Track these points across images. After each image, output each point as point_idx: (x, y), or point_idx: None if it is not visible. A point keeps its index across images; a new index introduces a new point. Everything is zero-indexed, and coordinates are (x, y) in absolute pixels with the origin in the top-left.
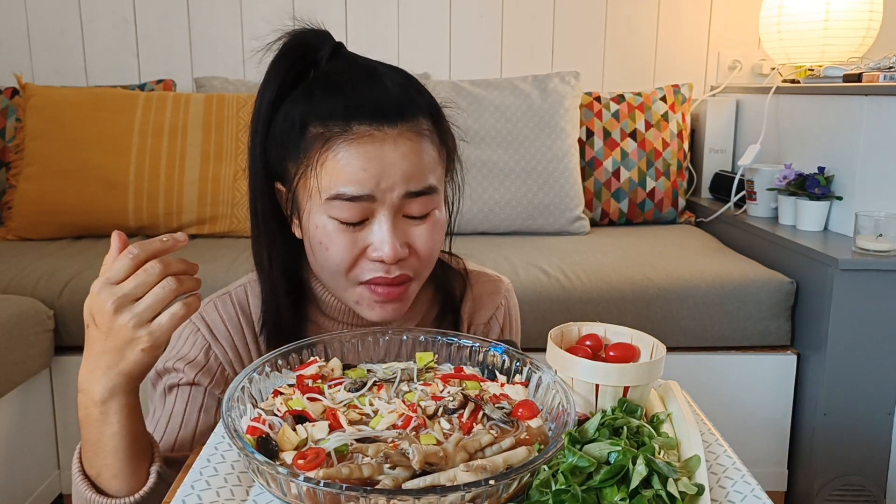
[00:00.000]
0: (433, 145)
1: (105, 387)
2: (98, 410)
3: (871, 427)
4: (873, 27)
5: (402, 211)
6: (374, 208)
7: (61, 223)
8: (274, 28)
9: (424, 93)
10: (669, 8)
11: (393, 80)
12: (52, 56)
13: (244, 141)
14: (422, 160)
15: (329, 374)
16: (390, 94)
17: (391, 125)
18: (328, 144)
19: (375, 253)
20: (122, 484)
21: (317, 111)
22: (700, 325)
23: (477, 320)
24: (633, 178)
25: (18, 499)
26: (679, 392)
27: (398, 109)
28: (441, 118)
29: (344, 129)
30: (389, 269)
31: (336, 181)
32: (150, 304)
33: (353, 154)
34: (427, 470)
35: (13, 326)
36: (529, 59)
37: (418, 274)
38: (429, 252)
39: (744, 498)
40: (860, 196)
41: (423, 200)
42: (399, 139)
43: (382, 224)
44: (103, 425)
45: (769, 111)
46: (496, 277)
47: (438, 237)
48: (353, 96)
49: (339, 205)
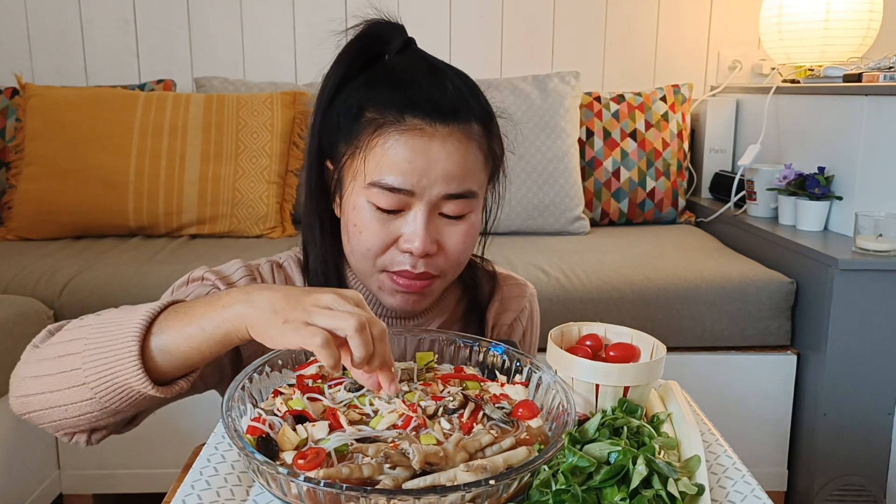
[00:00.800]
0: (480, 151)
1: (227, 315)
2: (215, 317)
3: (871, 427)
4: (873, 27)
5: (438, 209)
6: (412, 202)
7: (61, 223)
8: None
9: (481, 98)
10: (669, 8)
11: (453, 81)
12: (52, 56)
13: (244, 141)
14: (466, 163)
15: (329, 374)
16: (448, 93)
17: (443, 124)
18: (379, 131)
19: (406, 244)
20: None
21: (375, 98)
22: (700, 325)
23: (502, 321)
24: (633, 178)
25: (18, 499)
26: (679, 392)
27: (453, 110)
28: (493, 126)
29: (397, 119)
30: (416, 264)
31: (381, 168)
32: (335, 326)
33: (401, 144)
34: (427, 470)
35: (13, 326)
36: (529, 59)
37: (444, 273)
38: (457, 254)
39: (744, 498)
40: (860, 196)
41: (460, 203)
42: (448, 138)
43: (417, 217)
44: (204, 325)
45: (769, 111)
46: (522, 282)
47: (470, 241)
48: (412, 90)
49: (378, 192)
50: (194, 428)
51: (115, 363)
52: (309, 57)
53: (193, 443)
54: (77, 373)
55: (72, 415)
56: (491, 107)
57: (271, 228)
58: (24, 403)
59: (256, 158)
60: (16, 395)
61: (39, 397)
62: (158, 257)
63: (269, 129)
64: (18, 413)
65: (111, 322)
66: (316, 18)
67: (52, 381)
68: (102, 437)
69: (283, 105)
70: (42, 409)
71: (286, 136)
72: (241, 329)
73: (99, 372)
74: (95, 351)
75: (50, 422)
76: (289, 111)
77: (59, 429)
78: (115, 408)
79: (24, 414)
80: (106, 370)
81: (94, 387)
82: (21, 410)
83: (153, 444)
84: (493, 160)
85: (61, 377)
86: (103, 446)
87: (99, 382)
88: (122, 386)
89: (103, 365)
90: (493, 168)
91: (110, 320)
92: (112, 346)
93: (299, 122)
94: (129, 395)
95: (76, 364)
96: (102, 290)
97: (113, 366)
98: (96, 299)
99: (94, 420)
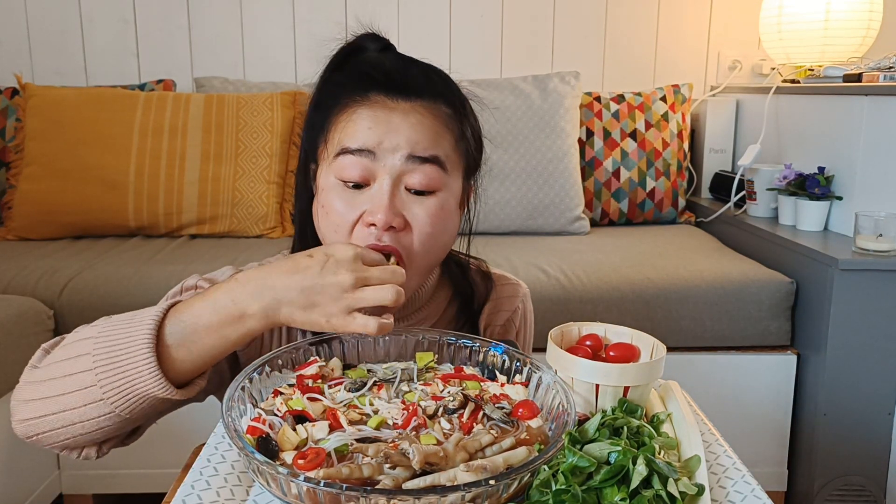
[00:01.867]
0: (447, 130)
1: (260, 306)
2: (233, 313)
3: (871, 427)
4: (873, 27)
5: (403, 180)
6: (376, 170)
7: (61, 223)
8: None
9: (453, 86)
10: (669, 8)
11: (421, 67)
12: (52, 56)
13: (244, 141)
14: (430, 131)
15: (329, 374)
16: (413, 74)
17: (405, 99)
18: (345, 110)
19: (369, 217)
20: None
21: (345, 86)
22: (700, 325)
23: (495, 321)
24: (633, 178)
25: (18, 499)
26: (679, 392)
27: (417, 88)
28: (464, 112)
29: (362, 96)
30: (381, 237)
31: (343, 137)
32: (371, 298)
33: (363, 115)
34: (427, 470)
35: (13, 326)
36: (529, 59)
37: (411, 256)
38: (425, 234)
39: (744, 498)
40: (860, 196)
41: (426, 171)
42: (411, 111)
43: (382, 187)
44: (218, 326)
45: (769, 111)
46: (515, 282)
47: (439, 223)
48: (377, 71)
49: (342, 161)
50: (194, 428)
51: (133, 374)
52: (309, 57)
53: (193, 443)
54: (93, 390)
55: (89, 430)
56: (464, 95)
57: (271, 228)
58: (31, 426)
59: (256, 158)
60: (20, 419)
61: (50, 418)
62: (158, 257)
63: (268, 129)
64: (23, 437)
65: (117, 333)
66: (316, 18)
67: (64, 400)
68: (111, 447)
69: (283, 105)
70: (53, 430)
71: (286, 136)
72: (267, 327)
73: (116, 386)
74: (108, 364)
75: (62, 440)
76: (289, 111)
77: (72, 446)
78: (134, 417)
79: (31, 437)
80: (124, 383)
81: (112, 401)
82: (26, 434)
83: (153, 444)
84: (466, 145)
85: (75, 396)
86: None
87: (118, 396)
88: (142, 395)
89: (120, 378)
90: (468, 156)
91: (115, 331)
92: (125, 358)
93: (299, 122)
94: (151, 403)
95: (89, 381)
96: (102, 290)
97: (130, 377)
98: (96, 299)
99: (113, 432)
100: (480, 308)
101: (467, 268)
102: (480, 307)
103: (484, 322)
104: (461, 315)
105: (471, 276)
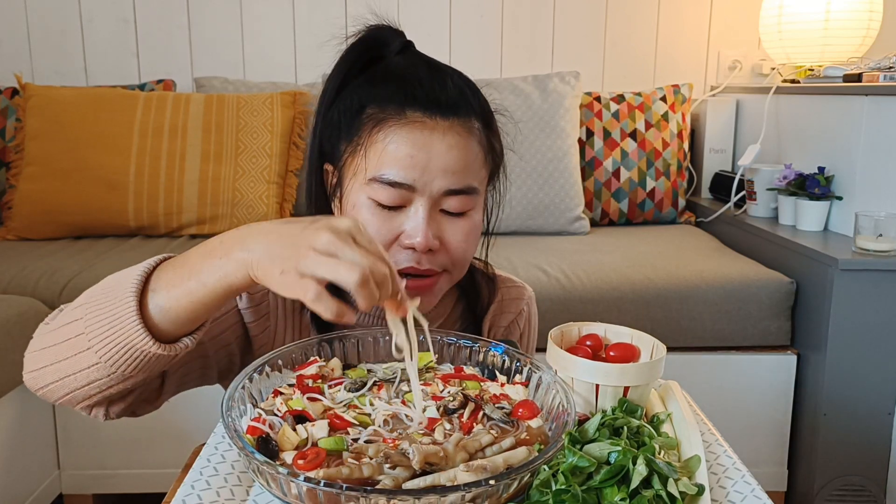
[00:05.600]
0: (480, 147)
1: (240, 248)
2: (217, 261)
3: (871, 427)
4: (873, 27)
5: (439, 205)
6: (413, 197)
7: (61, 223)
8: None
9: (481, 97)
10: (669, 8)
11: (453, 79)
12: (52, 56)
13: (244, 141)
14: (467, 158)
15: (329, 374)
16: (448, 89)
17: (443, 118)
18: (380, 126)
19: (408, 240)
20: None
21: (375, 95)
22: (700, 325)
23: (499, 323)
24: (633, 178)
25: (18, 499)
26: (679, 392)
27: (453, 104)
28: (492, 124)
29: (398, 113)
30: (420, 260)
31: (381, 163)
32: (326, 270)
33: (401, 138)
34: (427, 470)
35: (13, 326)
36: (529, 59)
37: (449, 270)
38: (461, 252)
39: (744, 498)
40: (860, 196)
41: (462, 199)
42: (449, 132)
43: (419, 212)
44: (205, 273)
45: (769, 111)
46: (520, 284)
47: (472, 238)
48: (412, 86)
49: (379, 187)
50: (194, 428)
51: (115, 323)
52: (309, 57)
53: (193, 443)
54: (81, 338)
55: (82, 383)
56: (489, 105)
57: None
58: (37, 377)
59: (256, 158)
60: (28, 371)
61: (49, 369)
62: None
63: (269, 129)
64: (33, 389)
65: (109, 286)
66: (316, 18)
67: (59, 350)
68: (121, 410)
69: (283, 105)
70: (54, 382)
71: (286, 136)
72: (244, 278)
73: (101, 334)
74: (95, 314)
75: (64, 394)
76: (289, 111)
77: (74, 401)
78: (122, 371)
79: (39, 389)
80: (107, 331)
81: (98, 350)
82: (35, 386)
83: (153, 444)
84: (494, 157)
85: (67, 345)
86: (103, 446)
87: (102, 345)
88: (126, 345)
89: (104, 326)
90: (494, 166)
91: (108, 284)
92: (110, 307)
93: (299, 122)
94: (134, 355)
95: (79, 330)
96: None
97: (113, 326)
98: None
99: (105, 387)
100: (485, 310)
101: (473, 270)
102: (485, 309)
103: (488, 323)
104: (466, 316)
105: (476, 278)
